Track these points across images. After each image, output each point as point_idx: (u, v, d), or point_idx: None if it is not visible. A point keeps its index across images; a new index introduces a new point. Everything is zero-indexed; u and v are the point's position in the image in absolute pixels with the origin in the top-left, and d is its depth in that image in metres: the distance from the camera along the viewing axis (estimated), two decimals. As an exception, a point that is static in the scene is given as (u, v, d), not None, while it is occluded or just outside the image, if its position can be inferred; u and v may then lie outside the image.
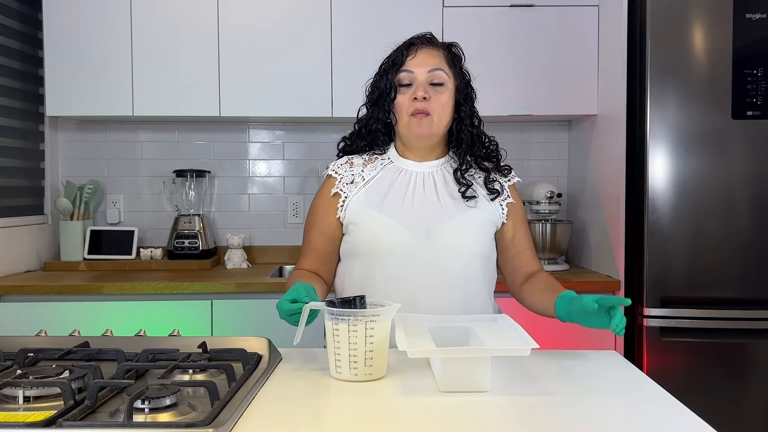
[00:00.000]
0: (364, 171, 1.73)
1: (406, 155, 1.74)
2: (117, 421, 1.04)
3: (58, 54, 2.90)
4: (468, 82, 1.74)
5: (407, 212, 1.65)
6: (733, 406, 2.53)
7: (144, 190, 3.32)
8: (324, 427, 1.10)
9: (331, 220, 1.71)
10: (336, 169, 1.75)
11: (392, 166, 1.74)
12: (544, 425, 1.08)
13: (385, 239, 1.63)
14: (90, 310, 2.60)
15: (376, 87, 1.74)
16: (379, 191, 1.69)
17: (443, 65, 1.69)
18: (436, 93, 1.67)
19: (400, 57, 1.69)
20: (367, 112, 1.77)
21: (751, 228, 2.53)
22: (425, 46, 1.70)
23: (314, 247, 1.74)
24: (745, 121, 2.51)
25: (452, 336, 1.39)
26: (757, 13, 2.50)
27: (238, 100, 2.93)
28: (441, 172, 1.73)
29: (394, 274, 1.63)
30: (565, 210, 3.32)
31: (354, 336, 1.28)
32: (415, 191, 1.69)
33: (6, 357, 1.37)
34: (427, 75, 1.67)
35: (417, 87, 1.66)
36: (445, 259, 1.63)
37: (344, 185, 1.71)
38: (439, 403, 1.18)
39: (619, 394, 1.27)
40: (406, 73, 1.68)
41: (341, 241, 1.74)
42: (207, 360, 1.38)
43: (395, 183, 1.70)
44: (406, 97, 1.67)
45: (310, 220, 1.76)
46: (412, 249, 1.62)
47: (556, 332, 1.92)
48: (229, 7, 2.91)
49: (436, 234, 1.63)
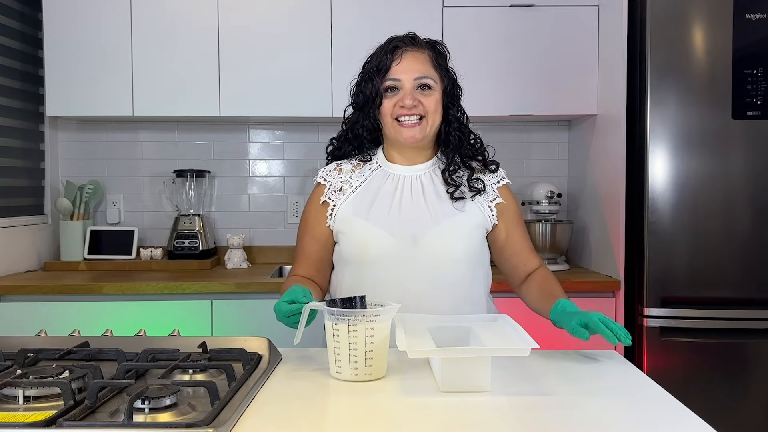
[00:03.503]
0: (351, 177, 1.73)
1: (394, 159, 1.74)
2: (117, 421, 1.04)
3: (58, 54, 2.90)
4: (454, 82, 1.74)
5: (394, 219, 1.65)
6: (733, 406, 2.54)
7: (144, 190, 3.33)
8: (324, 427, 1.11)
9: (323, 227, 1.72)
10: (324, 176, 1.76)
11: (380, 171, 1.74)
12: (544, 425, 1.09)
13: (372, 247, 1.64)
14: (90, 310, 2.60)
15: (361, 92, 1.73)
16: (366, 198, 1.69)
17: (429, 70, 1.68)
18: (424, 96, 1.66)
19: (385, 61, 1.67)
20: (353, 115, 1.77)
21: (751, 228, 2.54)
22: (410, 49, 1.68)
23: (308, 254, 1.75)
24: (745, 121, 2.52)
25: (452, 336, 1.39)
26: (757, 13, 2.50)
27: (238, 100, 2.94)
28: (429, 175, 1.73)
29: (384, 281, 1.63)
30: (565, 210, 3.32)
31: (354, 336, 1.28)
32: (402, 196, 1.69)
33: (6, 357, 1.37)
34: (413, 82, 1.66)
35: (404, 95, 1.65)
36: (432, 264, 1.64)
37: (332, 193, 1.72)
38: (440, 403, 1.18)
39: (620, 394, 1.27)
40: (391, 81, 1.67)
41: (334, 249, 1.75)
42: (207, 360, 1.38)
43: (382, 189, 1.70)
44: (392, 102, 1.66)
45: (303, 227, 1.77)
46: (399, 256, 1.63)
47: (557, 331, 1.92)
48: (229, 8, 2.91)
49: (423, 240, 1.63)
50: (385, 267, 1.64)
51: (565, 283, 1.64)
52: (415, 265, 1.63)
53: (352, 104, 1.77)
